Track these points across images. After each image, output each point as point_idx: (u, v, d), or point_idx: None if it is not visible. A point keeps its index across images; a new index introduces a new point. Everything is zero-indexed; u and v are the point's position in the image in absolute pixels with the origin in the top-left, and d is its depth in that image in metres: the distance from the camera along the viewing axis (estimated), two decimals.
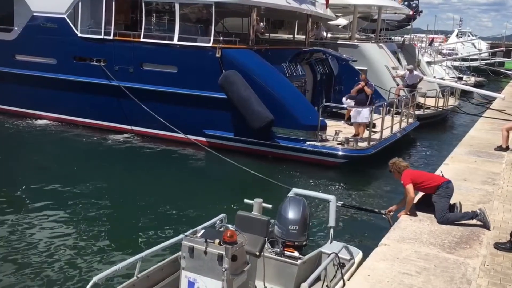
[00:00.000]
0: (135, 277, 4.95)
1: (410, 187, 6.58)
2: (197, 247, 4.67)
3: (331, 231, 6.28)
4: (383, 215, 7.21)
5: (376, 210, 7.51)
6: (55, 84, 15.72)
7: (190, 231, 5.05)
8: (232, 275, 4.59)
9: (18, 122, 16.15)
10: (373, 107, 13.46)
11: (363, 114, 13.08)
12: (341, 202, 7.59)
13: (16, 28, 16.48)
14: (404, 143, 15.72)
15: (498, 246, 5.78)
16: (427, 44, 39.38)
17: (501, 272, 5.23)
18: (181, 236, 5.01)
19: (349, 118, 13.88)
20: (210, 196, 10.46)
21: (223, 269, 4.54)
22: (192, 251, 4.69)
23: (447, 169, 8.85)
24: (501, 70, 43.56)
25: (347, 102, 14.03)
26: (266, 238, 5.17)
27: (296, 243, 5.76)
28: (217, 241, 4.62)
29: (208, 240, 4.64)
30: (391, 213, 7.06)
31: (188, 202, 10.13)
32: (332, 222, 6.24)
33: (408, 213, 6.75)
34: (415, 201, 7.11)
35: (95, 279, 4.41)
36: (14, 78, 16.45)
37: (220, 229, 5.48)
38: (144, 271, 5.08)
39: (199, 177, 11.87)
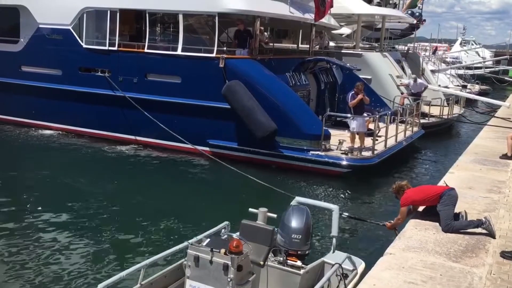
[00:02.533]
0: (138, 285, 4.94)
1: (403, 211, 6.79)
2: (203, 256, 4.66)
3: (334, 240, 6.26)
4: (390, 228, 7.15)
5: (381, 224, 7.43)
6: (60, 95, 15.83)
7: (195, 239, 5.04)
8: (237, 285, 4.58)
9: (24, 132, 16.23)
10: (378, 116, 13.46)
11: (362, 123, 13.05)
12: (347, 214, 7.54)
13: (22, 39, 16.64)
14: (409, 152, 15.68)
15: (504, 254, 5.73)
16: (431, 53, 39.37)
17: (507, 281, 5.18)
18: (185, 243, 5.00)
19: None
20: (214, 204, 10.46)
21: (229, 279, 4.53)
22: (198, 260, 4.68)
23: (452, 178, 8.81)
24: (506, 78, 43.47)
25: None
26: (270, 248, 5.15)
27: (299, 252, 5.73)
28: (222, 250, 4.62)
29: (213, 250, 4.63)
30: (397, 225, 7.03)
31: (192, 210, 10.16)
32: (334, 231, 6.23)
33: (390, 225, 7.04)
34: (420, 209, 7.13)
35: (100, 286, 4.41)
36: (20, 89, 16.58)
37: (224, 237, 5.47)
38: (148, 279, 5.08)
39: (203, 186, 11.88)
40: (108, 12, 14.98)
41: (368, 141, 13.17)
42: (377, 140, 13.26)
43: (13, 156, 14.01)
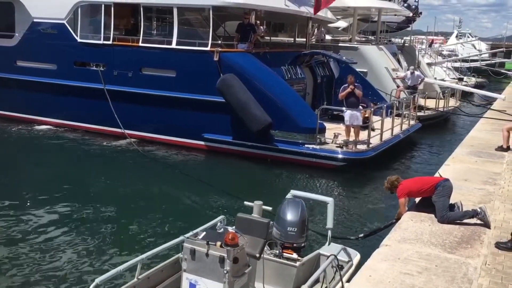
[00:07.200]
0: (136, 279, 4.99)
1: (402, 202, 6.79)
2: (199, 249, 4.68)
3: (329, 232, 6.29)
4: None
5: (390, 222, 7.31)
6: (56, 89, 15.76)
7: (191, 233, 5.06)
8: (234, 277, 4.60)
9: (19, 127, 16.16)
10: (373, 109, 13.44)
11: (357, 116, 13.01)
12: (362, 235, 7.42)
13: (17, 34, 16.55)
14: (405, 145, 15.71)
15: (499, 245, 5.76)
16: (427, 46, 39.31)
17: (502, 271, 5.22)
18: (181, 237, 5.03)
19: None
20: (210, 198, 10.46)
21: (225, 271, 4.54)
22: (194, 253, 4.70)
23: (448, 170, 8.84)
24: (502, 71, 43.54)
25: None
26: (266, 240, 5.16)
27: (294, 245, 5.75)
28: (218, 243, 4.63)
29: (209, 243, 4.64)
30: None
31: (187, 204, 10.17)
32: (330, 224, 6.26)
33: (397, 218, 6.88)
34: (416, 201, 7.15)
35: (97, 281, 4.44)
36: (15, 84, 16.50)
37: (221, 231, 5.48)
38: (145, 273, 5.12)
39: (198, 180, 11.87)
40: (103, 6, 14.89)
41: (363, 135, 13.17)
42: (373, 131, 13.22)
43: (8, 151, 13.96)
